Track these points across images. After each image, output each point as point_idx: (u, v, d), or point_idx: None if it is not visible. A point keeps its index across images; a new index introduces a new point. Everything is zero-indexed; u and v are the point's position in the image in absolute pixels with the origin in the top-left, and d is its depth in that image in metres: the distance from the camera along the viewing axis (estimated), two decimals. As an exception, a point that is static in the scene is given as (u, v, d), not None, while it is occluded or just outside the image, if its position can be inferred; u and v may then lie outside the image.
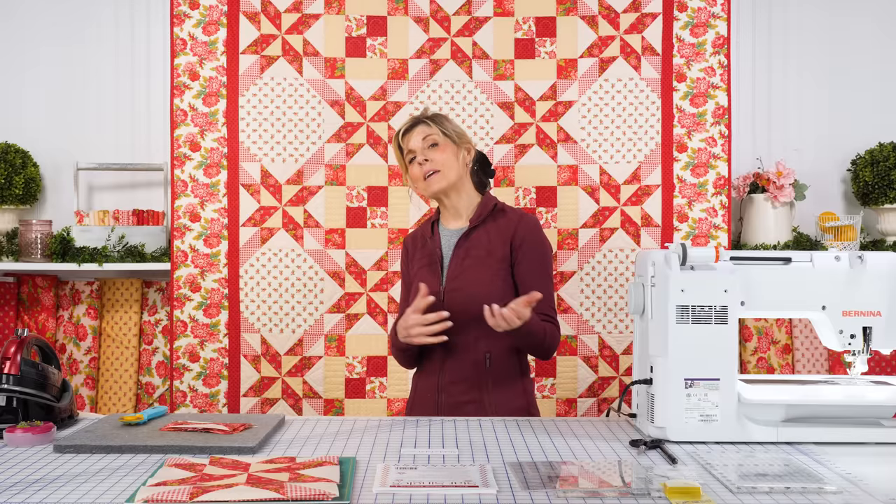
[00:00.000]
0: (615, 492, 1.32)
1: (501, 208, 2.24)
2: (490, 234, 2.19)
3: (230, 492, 1.28)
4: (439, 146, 2.19)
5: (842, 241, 3.14)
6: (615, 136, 3.08)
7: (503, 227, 2.19)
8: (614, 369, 3.06)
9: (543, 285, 2.14)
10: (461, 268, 2.17)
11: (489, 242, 2.18)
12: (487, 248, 2.17)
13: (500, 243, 2.17)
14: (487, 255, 2.16)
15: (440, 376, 2.17)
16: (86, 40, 3.29)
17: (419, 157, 2.20)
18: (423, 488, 1.32)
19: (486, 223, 2.21)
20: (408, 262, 2.32)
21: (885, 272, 1.79)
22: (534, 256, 2.18)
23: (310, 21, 3.07)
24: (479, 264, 2.16)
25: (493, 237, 2.19)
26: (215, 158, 3.06)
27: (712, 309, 1.70)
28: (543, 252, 2.20)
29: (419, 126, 2.22)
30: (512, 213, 2.23)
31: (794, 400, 1.73)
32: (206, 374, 3.03)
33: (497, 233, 2.19)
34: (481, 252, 2.17)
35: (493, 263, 2.16)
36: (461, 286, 2.15)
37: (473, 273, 2.15)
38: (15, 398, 1.74)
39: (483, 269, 2.15)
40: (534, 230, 2.20)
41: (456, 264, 2.18)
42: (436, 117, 2.24)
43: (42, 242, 3.08)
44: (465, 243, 2.20)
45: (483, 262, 2.16)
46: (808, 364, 3.19)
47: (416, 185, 2.24)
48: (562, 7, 3.09)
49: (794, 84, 3.35)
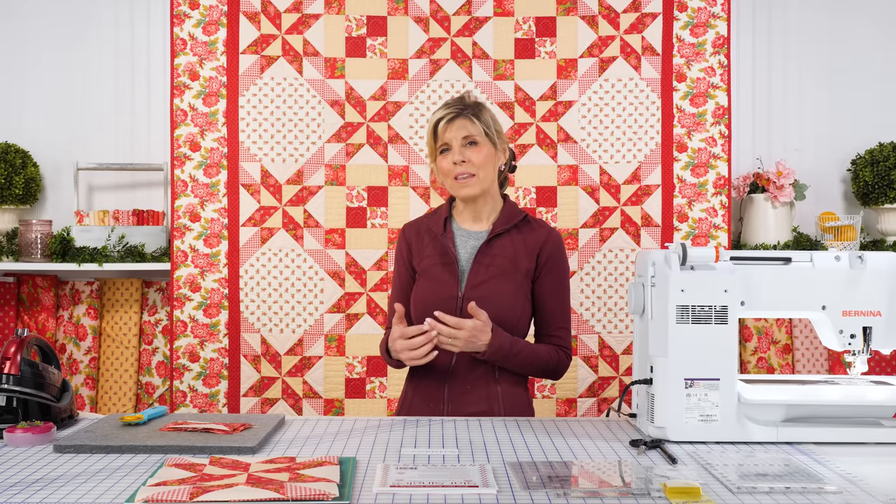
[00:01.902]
0: (615, 492, 1.32)
1: (528, 219, 2.13)
2: (515, 245, 2.08)
3: (230, 492, 1.28)
4: (478, 146, 2.05)
5: (842, 241, 3.14)
6: (615, 136, 3.08)
7: (530, 240, 2.09)
8: (614, 369, 3.06)
9: (562, 306, 2.10)
10: (485, 276, 2.05)
11: (514, 253, 2.07)
12: (513, 259, 2.06)
13: (526, 256, 2.07)
14: (513, 268, 2.06)
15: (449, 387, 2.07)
16: (86, 40, 3.29)
17: (455, 155, 2.04)
18: (423, 488, 1.32)
19: (511, 232, 2.10)
20: (408, 253, 2.17)
21: (885, 272, 1.78)
22: (557, 275, 2.10)
23: (310, 21, 3.07)
24: (503, 275, 2.05)
25: (519, 248, 2.08)
26: (215, 158, 3.06)
27: (712, 309, 1.70)
28: (566, 271, 2.13)
29: (460, 119, 2.05)
30: (539, 226, 2.13)
31: (794, 400, 1.73)
32: (206, 374, 3.03)
33: (523, 244, 2.08)
34: (506, 262, 2.06)
35: (517, 276, 2.06)
36: (484, 295, 2.02)
37: (497, 284, 2.04)
38: (15, 398, 1.74)
39: (507, 281, 2.05)
40: (560, 247, 2.12)
41: (479, 271, 2.06)
42: (479, 111, 2.08)
43: (42, 242, 3.08)
44: (489, 250, 2.08)
45: (508, 273, 2.05)
46: (808, 364, 3.19)
47: (445, 179, 2.10)
48: (562, 7, 3.09)
49: (794, 84, 3.35)
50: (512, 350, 1.99)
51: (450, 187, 2.10)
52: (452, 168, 2.05)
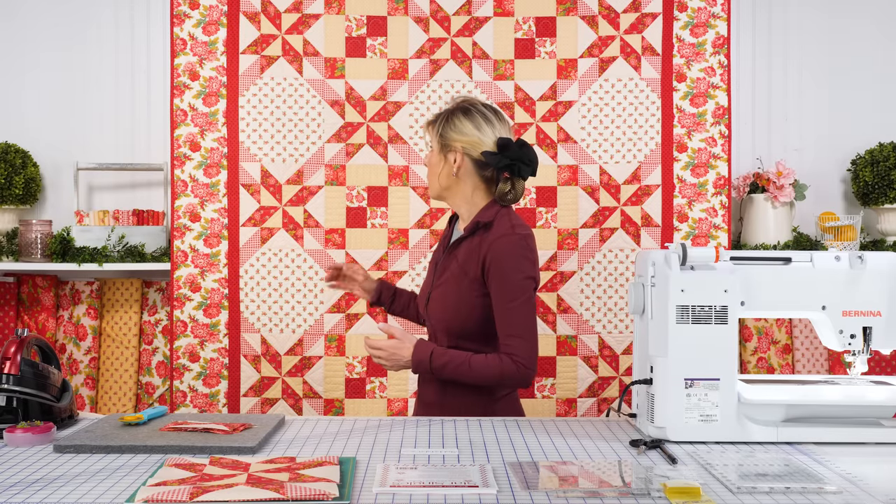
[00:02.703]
0: (615, 492, 1.32)
1: (489, 223, 2.06)
2: (470, 251, 2.07)
3: (230, 492, 1.28)
4: (430, 153, 2.16)
5: (842, 241, 3.14)
6: (615, 136, 3.08)
7: (479, 247, 2.05)
8: (614, 369, 3.06)
9: (507, 315, 2.01)
10: (440, 279, 2.13)
11: (466, 259, 2.07)
12: (463, 265, 2.07)
13: (474, 263, 2.05)
14: (462, 274, 2.07)
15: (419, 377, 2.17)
16: (86, 40, 3.29)
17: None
18: (423, 488, 1.32)
19: (474, 237, 2.08)
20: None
21: (885, 272, 1.79)
22: (498, 283, 2.02)
23: (310, 21, 3.07)
24: (452, 279, 2.08)
25: (472, 254, 2.06)
26: (215, 158, 3.06)
27: (712, 309, 1.70)
28: (509, 278, 2.02)
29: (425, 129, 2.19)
30: (495, 230, 2.05)
31: (794, 400, 1.73)
32: (206, 374, 3.03)
33: (476, 251, 2.06)
34: (458, 267, 2.08)
35: (465, 282, 2.06)
36: (437, 297, 2.11)
37: (446, 287, 2.09)
38: (15, 398, 1.74)
39: (454, 286, 2.08)
40: (503, 254, 2.02)
41: (439, 274, 2.14)
42: (435, 119, 2.14)
43: (42, 242, 3.08)
44: (452, 253, 2.12)
45: (457, 279, 2.07)
46: (808, 364, 3.19)
47: None
48: (562, 7, 3.09)
49: (794, 84, 3.35)
50: (437, 363, 2.01)
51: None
52: None
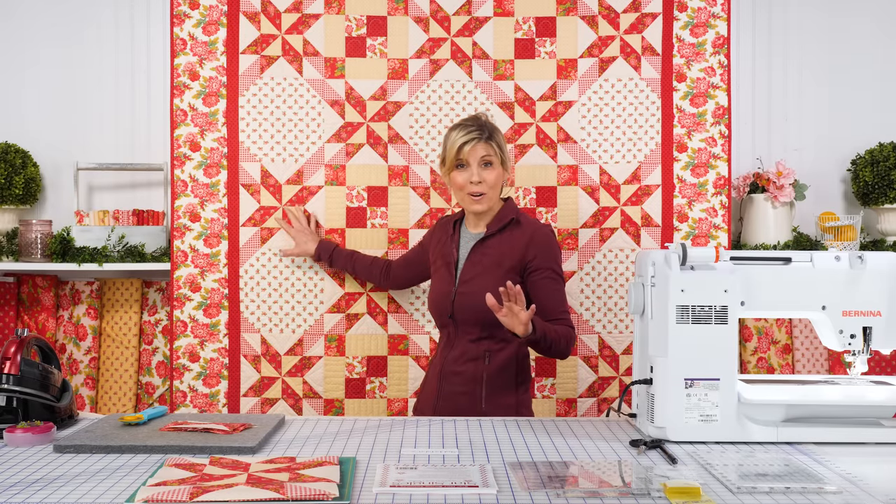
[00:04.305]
0: (615, 492, 1.32)
1: (518, 219, 2.39)
2: (503, 244, 2.34)
3: (230, 492, 1.28)
4: (492, 167, 2.35)
5: (842, 241, 3.14)
6: (615, 136, 3.08)
7: (517, 239, 2.35)
8: (614, 369, 3.06)
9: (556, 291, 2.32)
10: (472, 273, 2.34)
11: (500, 252, 2.33)
12: (499, 257, 2.33)
13: (511, 254, 2.33)
14: (498, 265, 2.32)
15: (443, 366, 2.38)
16: (86, 40, 3.29)
17: (474, 176, 2.34)
18: (423, 488, 1.32)
19: (503, 232, 2.37)
20: (429, 240, 2.61)
21: (885, 272, 1.79)
22: (545, 266, 2.32)
23: (310, 21, 3.07)
24: (488, 272, 2.32)
25: (505, 248, 2.34)
26: (215, 158, 3.06)
27: (712, 309, 1.70)
28: (554, 260, 2.35)
29: (481, 143, 2.34)
30: (527, 224, 2.39)
31: (794, 400, 1.73)
32: (206, 374, 3.03)
33: (511, 243, 2.34)
34: (493, 260, 2.33)
35: (502, 273, 2.29)
36: (470, 290, 2.31)
37: (482, 279, 2.30)
38: (15, 398, 1.74)
39: (491, 277, 2.29)
40: (546, 242, 2.35)
41: (469, 269, 2.36)
42: (494, 133, 2.38)
43: (42, 242, 3.08)
44: (480, 249, 2.37)
45: (492, 270, 2.31)
46: (808, 364, 3.19)
47: (457, 192, 2.40)
48: (562, 7, 3.09)
49: (794, 84, 3.35)
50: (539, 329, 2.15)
51: (460, 199, 2.41)
52: (468, 185, 2.35)
